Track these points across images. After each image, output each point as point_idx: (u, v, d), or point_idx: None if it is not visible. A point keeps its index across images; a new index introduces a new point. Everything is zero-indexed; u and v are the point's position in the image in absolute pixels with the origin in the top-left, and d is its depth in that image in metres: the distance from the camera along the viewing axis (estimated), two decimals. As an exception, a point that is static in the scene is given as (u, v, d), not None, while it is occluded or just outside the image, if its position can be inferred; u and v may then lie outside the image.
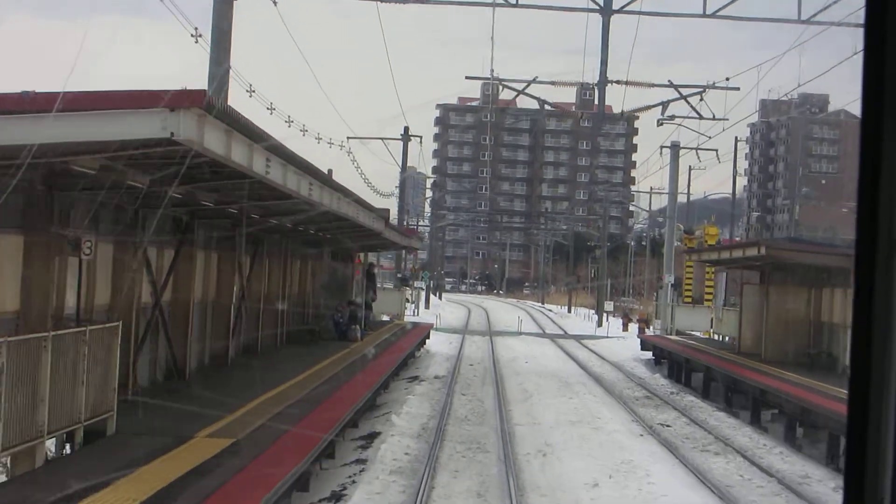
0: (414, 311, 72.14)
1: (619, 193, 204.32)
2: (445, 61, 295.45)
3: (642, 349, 46.44)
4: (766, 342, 33.99)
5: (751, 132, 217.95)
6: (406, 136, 51.39)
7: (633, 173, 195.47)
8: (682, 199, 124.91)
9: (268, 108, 35.32)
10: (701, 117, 29.37)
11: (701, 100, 29.32)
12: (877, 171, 2.56)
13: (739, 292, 38.34)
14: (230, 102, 15.44)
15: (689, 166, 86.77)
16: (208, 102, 10.46)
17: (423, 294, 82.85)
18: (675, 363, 39.81)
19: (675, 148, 51.72)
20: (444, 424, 24.12)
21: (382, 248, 42.54)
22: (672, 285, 51.61)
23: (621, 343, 58.30)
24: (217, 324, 23.13)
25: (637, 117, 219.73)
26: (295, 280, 32.21)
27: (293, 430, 15.27)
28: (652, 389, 34.57)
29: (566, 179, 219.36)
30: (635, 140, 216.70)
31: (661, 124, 30.50)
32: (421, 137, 52.05)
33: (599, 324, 77.37)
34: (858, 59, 2.60)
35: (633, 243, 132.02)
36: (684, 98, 28.90)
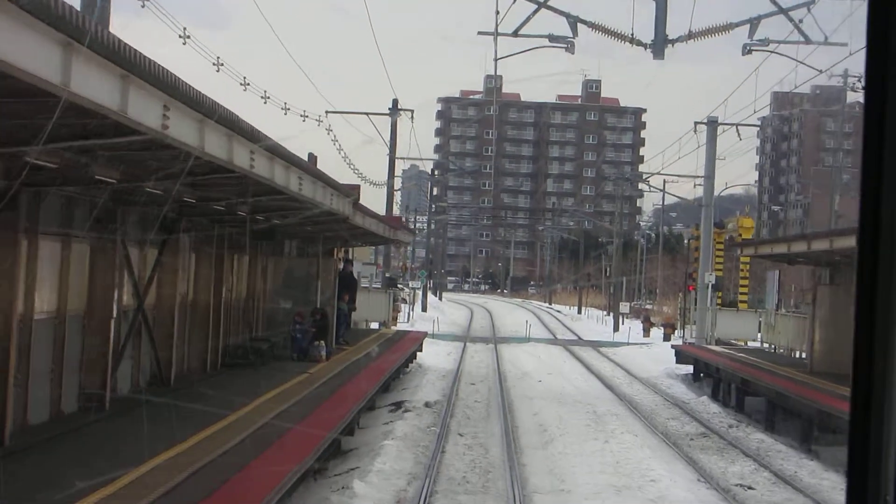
0: (407, 316, 64.40)
1: (627, 188, 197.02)
2: (446, 59, 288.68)
3: (678, 362, 38.66)
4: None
5: (762, 126, 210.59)
6: (395, 111, 43.55)
7: (642, 168, 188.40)
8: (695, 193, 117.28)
9: (214, 64, 27.96)
10: (807, 40, 21.68)
11: (801, 19, 21.44)
12: (879, 168, 2.54)
13: (812, 296, 30.49)
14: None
15: (707, 161, 79.22)
16: None
17: (419, 295, 75.02)
18: (722, 382, 32.11)
19: (712, 124, 43.97)
20: (430, 493, 16.46)
21: (363, 241, 34.72)
22: (713, 286, 43.86)
23: (646, 352, 50.60)
24: (91, 348, 15.44)
25: (645, 110, 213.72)
26: (239, 281, 24.54)
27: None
28: (704, 421, 26.85)
29: (572, 175, 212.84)
30: (642, 134, 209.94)
31: (750, 51, 22.72)
32: (412, 111, 44.42)
33: (616, 328, 69.66)
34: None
35: (643, 239, 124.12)
36: (783, 12, 21.12)
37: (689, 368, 38.44)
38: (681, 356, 38.28)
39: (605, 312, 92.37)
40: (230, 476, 11.77)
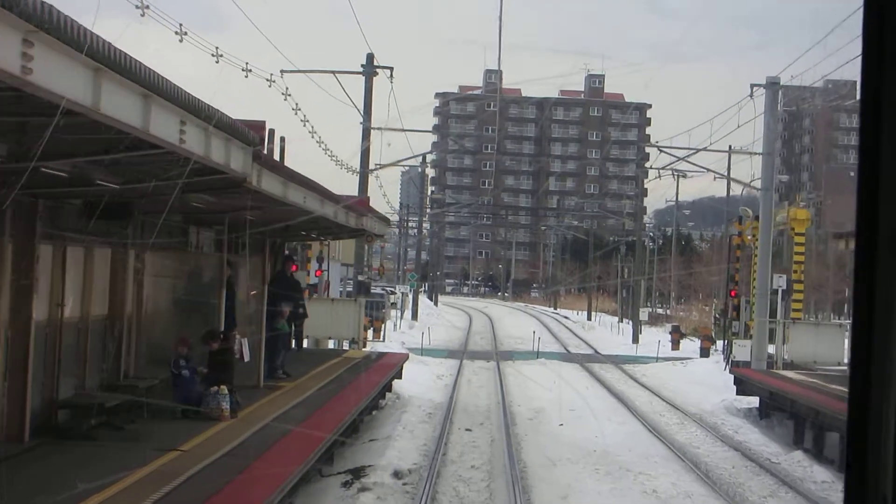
0: (395, 324, 55.06)
1: (632, 187, 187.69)
2: (445, 61, 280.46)
3: (740, 392, 29.27)
4: None
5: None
6: (369, 67, 33.93)
7: (647, 165, 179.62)
8: (712, 191, 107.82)
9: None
10: None
11: None
12: (876, 168, 2.54)
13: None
14: None
15: (730, 146, 70.17)
16: None
17: (410, 302, 65.52)
18: (813, 428, 22.76)
19: (772, 86, 34.64)
20: None
21: (314, 231, 25.15)
22: (783, 291, 34.53)
23: (682, 372, 41.32)
24: None
25: (650, 106, 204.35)
26: (88, 291, 15.17)
27: None
28: (821, 502, 17.51)
29: (575, 173, 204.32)
30: (647, 131, 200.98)
31: None
32: (392, 69, 34.67)
33: (636, 338, 60.35)
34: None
35: (649, 240, 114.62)
36: None
37: (744, 396, 29.29)
38: (744, 385, 28.90)
39: (618, 319, 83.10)
40: None
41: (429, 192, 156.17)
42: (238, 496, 11.64)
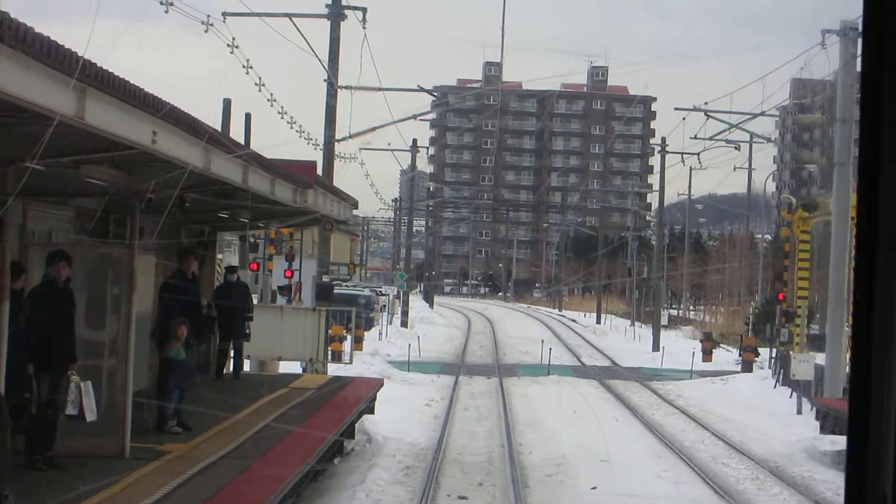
0: (382, 332, 47.64)
1: (637, 182, 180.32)
2: (444, 62, 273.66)
3: (827, 429, 21.98)
4: None
5: (780, 116, 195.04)
6: (336, 6, 26.24)
7: (652, 162, 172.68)
8: (724, 188, 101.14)
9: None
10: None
11: None
12: (877, 168, 2.53)
13: None
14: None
15: (751, 135, 63.06)
16: None
17: (399, 305, 57.99)
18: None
19: (850, 33, 27.30)
20: None
21: (238, 209, 17.49)
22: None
23: (723, 392, 34.17)
24: None
25: (655, 99, 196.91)
26: None
27: None
28: None
29: (578, 169, 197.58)
30: (652, 125, 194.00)
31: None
32: (364, 10, 27.13)
33: (656, 345, 53.07)
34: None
35: (657, 232, 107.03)
36: None
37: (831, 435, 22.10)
38: (834, 421, 21.60)
39: (630, 322, 75.76)
40: None
41: (427, 188, 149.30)
42: None
